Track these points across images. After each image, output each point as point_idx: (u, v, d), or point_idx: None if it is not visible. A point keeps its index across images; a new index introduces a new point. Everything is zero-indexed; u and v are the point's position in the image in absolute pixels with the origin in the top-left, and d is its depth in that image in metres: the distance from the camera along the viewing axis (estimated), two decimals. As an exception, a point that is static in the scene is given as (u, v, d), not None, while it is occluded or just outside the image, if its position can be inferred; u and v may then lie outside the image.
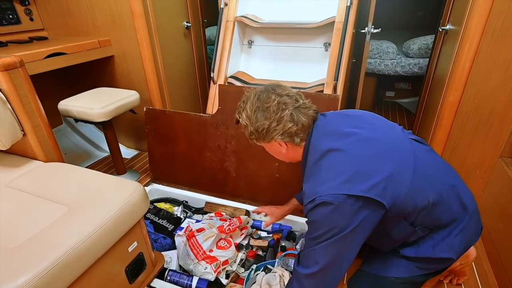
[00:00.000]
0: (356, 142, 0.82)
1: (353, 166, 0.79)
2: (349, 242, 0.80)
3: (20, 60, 1.19)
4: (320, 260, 0.83)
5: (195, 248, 1.29)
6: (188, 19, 2.16)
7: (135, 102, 1.74)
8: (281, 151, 0.90)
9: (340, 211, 0.76)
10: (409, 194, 0.80)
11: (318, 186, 0.79)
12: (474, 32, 1.26)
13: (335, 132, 0.84)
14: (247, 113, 0.84)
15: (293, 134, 0.83)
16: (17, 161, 1.28)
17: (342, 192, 0.75)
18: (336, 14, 1.59)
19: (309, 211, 0.80)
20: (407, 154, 0.83)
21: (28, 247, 0.84)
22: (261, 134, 0.84)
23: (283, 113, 0.81)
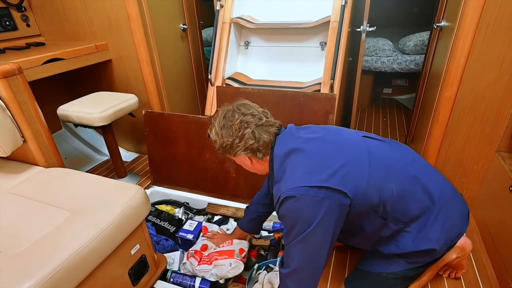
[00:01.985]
0: (313, 141, 0.90)
1: (312, 160, 0.86)
2: (319, 235, 0.83)
3: (19, 67, 1.20)
4: (295, 257, 0.87)
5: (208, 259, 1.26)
6: (184, 21, 2.17)
7: (134, 106, 1.75)
8: (247, 164, 0.98)
9: (303, 203, 0.81)
10: (371, 184, 0.85)
11: (282, 185, 0.86)
12: (468, 28, 1.27)
13: (294, 138, 0.91)
14: (215, 129, 0.92)
15: (255, 150, 0.90)
16: (18, 168, 1.29)
17: (303, 185, 0.81)
18: (331, 14, 1.60)
19: (278, 209, 0.87)
20: (360, 148, 0.90)
21: (32, 252, 0.85)
22: (226, 149, 0.92)
23: (245, 131, 0.88)
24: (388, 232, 0.94)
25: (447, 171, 1.53)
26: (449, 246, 0.96)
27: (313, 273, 0.89)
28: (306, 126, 0.99)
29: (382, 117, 2.80)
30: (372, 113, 2.88)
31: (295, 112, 1.37)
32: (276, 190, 0.88)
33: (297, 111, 1.37)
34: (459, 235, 0.97)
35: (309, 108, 1.35)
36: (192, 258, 1.27)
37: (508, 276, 1.11)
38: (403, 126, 2.58)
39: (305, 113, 1.36)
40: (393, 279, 1.00)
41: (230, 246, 1.28)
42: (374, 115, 2.85)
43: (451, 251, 1.10)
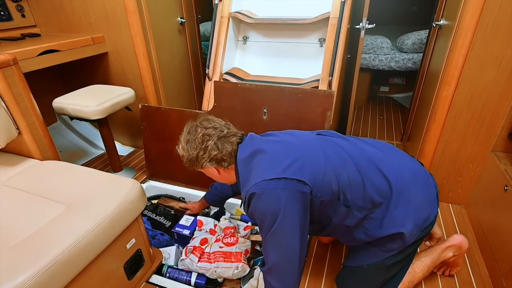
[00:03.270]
0: (272, 143, 0.96)
1: (271, 158, 0.91)
2: (286, 227, 0.87)
3: (14, 57, 1.18)
4: (270, 253, 0.91)
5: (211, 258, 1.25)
6: (182, 15, 2.14)
7: (130, 99, 1.73)
8: (215, 175, 1.02)
9: (265, 197, 0.86)
10: (328, 172, 0.90)
11: (245, 186, 0.91)
12: (468, 27, 1.27)
13: (254, 142, 0.97)
14: (182, 145, 0.97)
15: (220, 159, 0.95)
16: (12, 160, 1.28)
17: (261, 179, 0.86)
18: (330, 10, 1.59)
19: (247, 209, 0.92)
20: (314, 142, 0.97)
21: (27, 246, 0.84)
22: (192, 161, 0.96)
23: (207, 143, 0.93)
24: (354, 221, 0.96)
25: (442, 170, 1.55)
26: (421, 229, 0.96)
27: (290, 266, 0.91)
28: (267, 133, 1.06)
29: (378, 115, 2.81)
30: (369, 111, 2.88)
31: (293, 109, 1.37)
32: (243, 192, 0.93)
33: (295, 107, 1.36)
34: (429, 217, 0.97)
35: (307, 105, 1.35)
36: (191, 255, 1.26)
37: (501, 275, 1.12)
38: (399, 125, 2.59)
39: (303, 110, 1.35)
40: (375, 270, 1.02)
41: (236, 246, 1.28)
42: (371, 113, 2.85)
43: (447, 250, 1.12)
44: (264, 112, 1.41)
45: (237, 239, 1.31)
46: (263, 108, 1.41)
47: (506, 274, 1.09)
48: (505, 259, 1.11)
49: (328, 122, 1.32)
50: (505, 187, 1.17)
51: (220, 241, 1.31)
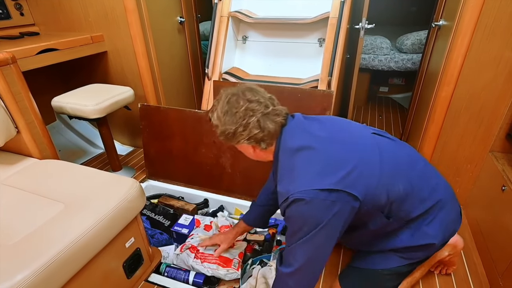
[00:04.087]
0: (324, 140, 0.85)
1: (323, 160, 0.82)
2: (325, 236, 0.82)
3: (12, 56, 1.18)
4: (299, 257, 0.85)
5: (203, 257, 1.25)
6: (181, 14, 2.14)
7: (130, 99, 1.73)
8: (250, 152, 0.93)
9: (312, 207, 0.78)
10: (380, 184, 0.83)
11: (290, 184, 0.82)
12: (467, 28, 1.27)
13: (303, 133, 0.87)
14: (217, 114, 0.86)
15: (259, 139, 0.85)
16: (11, 159, 1.27)
17: (313, 188, 0.77)
18: (330, 10, 1.59)
19: (285, 209, 0.84)
20: (372, 147, 0.87)
21: (26, 244, 0.84)
22: (228, 136, 0.86)
23: (250, 119, 0.82)
24: (389, 229, 0.94)
25: (441, 170, 1.53)
26: (443, 243, 0.98)
27: (314, 272, 0.89)
28: (314, 117, 0.94)
29: (378, 115, 2.82)
30: (368, 111, 2.89)
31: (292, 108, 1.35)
32: (283, 188, 0.84)
33: (294, 107, 1.36)
34: (454, 232, 0.99)
35: (306, 105, 1.35)
36: (187, 250, 1.27)
37: (497, 274, 1.13)
38: (398, 125, 2.60)
39: (302, 110, 1.34)
40: (388, 275, 1.01)
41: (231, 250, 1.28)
42: (370, 113, 2.86)
43: (443, 248, 1.12)
44: (263, 112, 1.41)
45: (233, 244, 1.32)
46: (262, 108, 1.41)
47: (502, 273, 1.10)
48: (502, 258, 1.12)
49: (327, 122, 1.33)
50: (503, 187, 1.18)
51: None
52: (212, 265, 1.20)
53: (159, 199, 1.65)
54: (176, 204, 1.59)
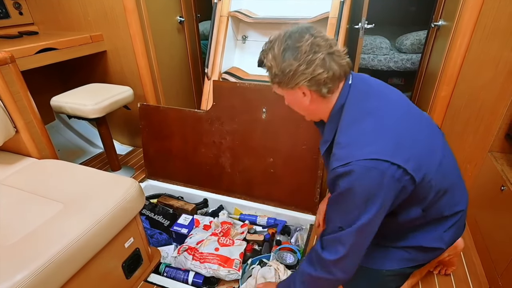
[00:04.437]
0: (397, 113, 0.78)
1: (397, 135, 0.74)
2: (378, 215, 0.74)
3: (11, 55, 1.17)
4: (348, 240, 0.77)
5: (203, 257, 1.24)
6: (181, 14, 2.14)
7: (129, 98, 1.73)
8: (303, 103, 0.79)
9: (378, 179, 0.69)
10: (435, 176, 0.78)
11: (356, 148, 0.71)
12: (466, 28, 1.27)
13: (377, 98, 0.79)
14: (273, 53, 0.74)
15: (322, 82, 0.73)
16: (10, 158, 1.27)
17: (386, 159, 0.68)
18: (329, 10, 1.59)
19: (341, 176, 0.72)
20: (438, 135, 0.83)
21: (25, 244, 0.84)
22: (286, 76, 0.74)
23: (315, 56, 0.71)
24: (412, 224, 0.90)
25: (440, 170, 1.55)
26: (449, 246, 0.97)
27: (360, 255, 0.81)
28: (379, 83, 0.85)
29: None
30: (368, 111, 2.89)
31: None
32: (342, 150, 0.74)
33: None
34: (457, 238, 0.99)
35: (306, 105, 1.35)
36: (185, 253, 1.27)
37: (497, 274, 1.13)
38: (398, 125, 2.60)
39: (302, 110, 1.36)
40: (391, 276, 0.99)
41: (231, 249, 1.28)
42: (370, 113, 2.86)
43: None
44: (263, 112, 1.41)
45: (233, 242, 1.32)
46: (262, 108, 1.41)
47: (502, 273, 1.10)
48: (501, 258, 1.12)
49: (326, 122, 1.33)
50: (502, 187, 1.18)
51: (217, 239, 1.32)
52: (213, 265, 1.20)
53: (159, 199, 1.65)
54: (175, 204, 1.59)
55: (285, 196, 1.51)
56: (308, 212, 1.49)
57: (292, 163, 1.44)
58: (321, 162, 1.38)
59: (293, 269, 1.25)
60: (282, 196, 1.51)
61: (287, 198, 1.51)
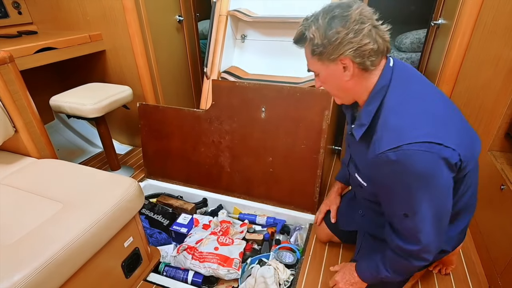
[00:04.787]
0: (441, 100, 0.77)
1: (445, 119, 0.72)
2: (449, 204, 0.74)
3: (10, 55, 1.17)
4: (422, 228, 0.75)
5: (202, 257, 1.24)
6: (180, 13, 2.14)
7: (128, 98, 1.73)
8: (342, 78, 0.76)
9: (430, 161, 0.67)
10: (471, 168, 0.77)
11: (406, 131, 0.68)
12: (466, 27, 1.27)
13: (420, 83, 0.78)
14: (317, 24, 0.71)
15: (367, 54, 0.71)
16: (9, 158, 1.27)
17: (438, 141, 0.66)
18: (329, 9, 1.59)
19: (391, 161, 0.69)
20: (476, 136, 0.82)
21: (24, 244, 0.84)
22: (331, 45, 0.70)
23: (362, 25, 0.69)
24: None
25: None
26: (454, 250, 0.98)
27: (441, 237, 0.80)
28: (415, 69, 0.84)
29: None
30: (367, 110, 2.88)
31: (291, 107, 1.37)
32: (394, 134, 0.70)
33: (293, 106, 1.36)
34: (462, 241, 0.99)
35: (305, 104, 1.35)
36: (184, 252, 1.27)
37: (496, 273, 1.13)
38: (397, 124, 2.59)
39: (301, 109, 1.35)
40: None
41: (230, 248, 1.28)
42: (369, 112, 2.85)
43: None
44: (262, 111, 1.41)
45: (232, 241, 1.32)
46: (261, 107, 1.41)
47: (501, 272, 1.10)
48: (501, 257, 1.12)
49: (326, 121, 1.33)
50: (502, 186, 1.18)
51: (216, 238, 1.32)
52: (213, 264, 1.20)
53: (158, 198, 1.65)
54: (175, 203, 1.59)
55: (285, 195, 1.51)
56: (308, 212, 1.49)
57: (292, 162, 1.44)
58: (321, 161, 1.38)
59: (293, 268, 1.25)
60: (282, 196, 1.51)
61: (287, 197, 1.51)
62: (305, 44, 0.76)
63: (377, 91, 0.76)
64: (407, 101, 0.73)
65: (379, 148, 0.71)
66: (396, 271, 0.87)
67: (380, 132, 0.73)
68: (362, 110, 0.80)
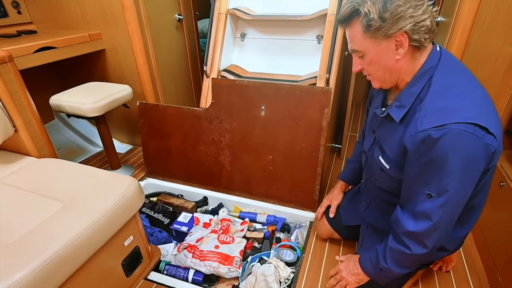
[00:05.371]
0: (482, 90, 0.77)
1: (489, 107, 0.74)
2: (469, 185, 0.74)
3: (9, 54, 1.17)
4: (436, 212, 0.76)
5: (203, 255, 1.24)
6: (180, 12, 2.13)
7: (128, 97, 1.73)
8: (392, 57, 0.75)
9: (479, 147, 0.68)
10: (491, 169, 0.78)
11: (453, 111, 0.69)
12: (465, 24, 1.27)
13: (464, 71, 0.79)
14: None
15: (423, 31, 0.71)
16: (9, 158, 1.27)
17: (483, 125, 0.67)
18: (328, 7, 1.58)
19: (434, 139, 0.69)
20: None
21: (24, 243, 0.84)
22: (392, 19, 0.69)
23: (422, 1, 0.69)
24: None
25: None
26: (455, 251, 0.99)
27: (448, 229, 0.81)
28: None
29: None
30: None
31: (291, 106, 1.37)
32: (440, 113, 0.70)
33: (292, 104, 1.36)
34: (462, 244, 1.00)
35: (304, 102, 1.35)
36: (185, 251, 1.27)
37: (496, 270, 1.13)
38: (397, 122, 2.59)
39: (301, 107, 1.35)
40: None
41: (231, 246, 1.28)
42: (369, 110, 2.85)
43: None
44: (262, 109, 1.41)
45: (233, 239, 1.32)
46: (261, 105, 1.41)
47: (501, 269, 1.10)
48: (500, 254, 1.12)
49: (325, 119, 1.33)
50: (501, 183, 1.18)
51: (217, 236, 1.32)
52: (214, 263, 1.20)
53: (158, 197, 1.65)
54: (175, 202, 1.60)
55: (285, 193, 1.51)
56: (308, 209, 1.49)
57: (291, 161, 1.44)
58: (321, 159, 1.38)
59: (293, 266, 1.25)
60: (282, 194, 1.52)
61: (287, 195, 1.51)
62: (357, 20, 0.73)
63: (424, 72, 0.76)
64: (453, 84, 0.74)
65: (421, 126, 0.71)
66: (395, 261, 0.87)
67: (424, 112, 0.73)
68: (404, 91, 0.80)
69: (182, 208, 1.56)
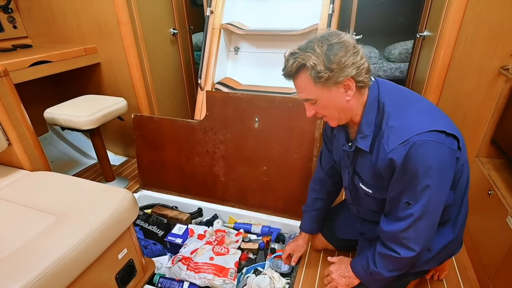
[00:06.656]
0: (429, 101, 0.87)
1: (441, 115, 0.82)
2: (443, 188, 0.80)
3: (4, 69, 1.18)
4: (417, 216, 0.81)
5: (197, 267, 1.24)
6: (174, 26, 2.18)
7: (123, 109, 1.74)
8: (342, 100, 0.82)
9: (442, 151, 0.75)
10: (466, 163, 0.85)
11: (411, 126, 0.76)
12: (449, 38, 1.32)
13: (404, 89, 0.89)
14: (315, 52, 0.76)
15: (364, 72, 0.79)
16: (2, 171, 1.27)
17: (441, 129, 0.75)
18: (319, 22, 1.64)
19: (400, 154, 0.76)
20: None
21: (16, 257, 0.84)
22: (337, 68, 0.76)
23: (356, 48, 0.78)
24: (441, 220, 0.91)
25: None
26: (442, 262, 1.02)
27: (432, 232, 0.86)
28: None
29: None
30: (360, 119, 2.93)
31: (284, 117, 1.40)
32: (400, 131, 0.77)
33: (285, 116, 1.39)
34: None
35: (297, 113, 1.37)
36: (179, 263, 1.26)
37: (487, 277, 1.15)
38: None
39: (294, 118, 1.38)
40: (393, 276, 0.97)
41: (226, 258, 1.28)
42: (362, 120, 2.90)
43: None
44: (256, 121, 1.43)
45: (228, 250, 1.32)
46: (255, 117, 1.43)
47: (492, 276, 1.12)
48: (491, 262, 1.14)
49: (318, 130, 1.35)
50: (489, 192, 1.21)
51: (212, 247, 1.32)
52: (208, 275, 1.20)
53: (153, 209, 1.65)
54: (169, 214, 1.59)
55: (279, 204, 1.52)
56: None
57: (285, 171, 1.45)
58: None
59: (288, 277, 1.25)
60: (276, 204, 1.53)
61: (281, 206, 1.52)
62: (304, 73, 0.79)
63: (371, 102, 0.85)
64: (403, 104, 0.83)
65: (388, 147, 0.79)
66: (384, 265, 0.91)
67: (386, 135, 0.80)
68: (362, 123, 0.87)
69: (177, 220, 1.56)
